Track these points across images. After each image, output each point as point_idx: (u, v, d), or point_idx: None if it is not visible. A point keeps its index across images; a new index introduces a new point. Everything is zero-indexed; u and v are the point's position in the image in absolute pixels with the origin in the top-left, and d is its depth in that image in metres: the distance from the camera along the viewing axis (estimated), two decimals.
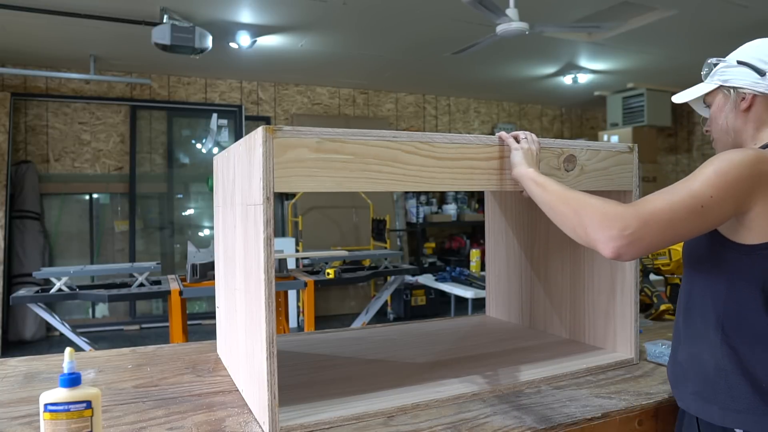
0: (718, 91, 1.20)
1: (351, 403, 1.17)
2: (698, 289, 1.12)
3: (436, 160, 1.16)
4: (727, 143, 1.19)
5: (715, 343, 1.06)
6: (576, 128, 8.76)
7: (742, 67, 1.15)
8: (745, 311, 1.03)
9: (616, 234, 0.95)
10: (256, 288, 1.06)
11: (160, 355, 1.61)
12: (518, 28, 3.52)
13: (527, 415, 1.13)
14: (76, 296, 3.31)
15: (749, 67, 1.13)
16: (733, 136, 1.17)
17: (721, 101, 1.19)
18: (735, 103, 1.16)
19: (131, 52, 5.31)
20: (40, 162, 5.80)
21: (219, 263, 1.59)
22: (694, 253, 1.13)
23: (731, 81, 1.16)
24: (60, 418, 0.89)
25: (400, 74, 6.42)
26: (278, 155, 1.01)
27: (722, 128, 1.19)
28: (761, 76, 1.12)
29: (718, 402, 1.04)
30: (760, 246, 1.00)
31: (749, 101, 1.14)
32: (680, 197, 0.97)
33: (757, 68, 1.12)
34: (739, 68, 1.15)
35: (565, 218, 1.06)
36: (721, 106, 1.19)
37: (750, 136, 1.15)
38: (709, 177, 0.98)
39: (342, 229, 6.67)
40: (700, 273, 1.12)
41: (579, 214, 1.02)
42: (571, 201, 1.06)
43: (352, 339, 1.77)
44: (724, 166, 0.99)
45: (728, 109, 1.17)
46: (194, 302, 6.27)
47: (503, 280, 2.02)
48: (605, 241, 0.97)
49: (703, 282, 1.11)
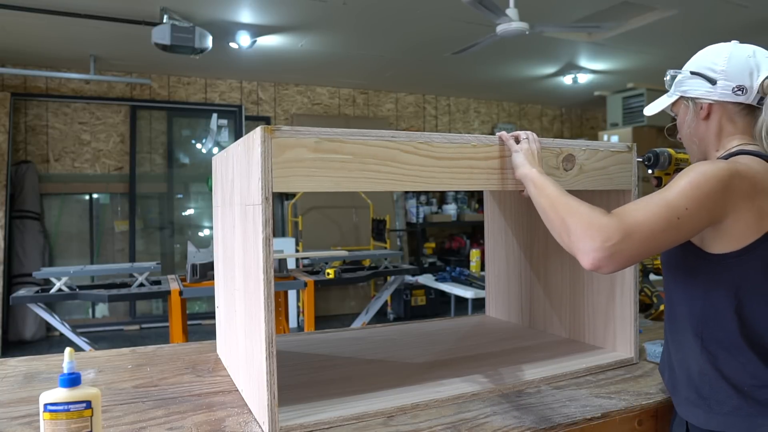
0: (680, 102, 1.23)
1: (351, 403, 1.17)
2: (677, 297, 1.14)
3: (435, 159, 1.16)
4: (694, 151, 1.23)
5: (695, 350, 1.08)
6: (576, 128, 8.76)
7: (696, 77, 1.17)
8: (720, 318, 1.05)
9: (598, 245, 0.95)
10: (255, 288, 1.07)
11: (160, 355, 1.61)
12: (518, 28, 3.52)
13: (527, 415, 1.13)
14: (76, 296, 3.31)
15: (701, 77, 1.16)
16: (698, 144, 1.20)
17: (683, 112, 1.22)
18: (695, 113, 1.18)
19: (131, 52, 5.31)
20: (40, 162, 5.80)
21: (218, 263, 1.59)
22: (671, 263, 1.15)
23: (688, 92, 1.19)
24: (60, 418, 0.89)
25: (400, 74, 6.42)
26: (277, 155, 1.01)
27: (687, 137, 1.22)
28: (713, 84, 1.14)
29: (703, 406, 1.06)
30: (731, 254, 1.02)
31: (707, 110, 1.16)
32: (658, 209, 0.97)
33: (708, 77, 1.15)
34: (693, 79, 1.18)
35: (552, 224, 1.06)
36: (684, 116, 1.22)
37: (713, 143, 1.18)
38: (684, 189, 0.99)
39: (342, 229, 6.67)
40: (677, 282, 1.14)
41: (565, 222, 1.02)
42: (559, 207, 1.06)
43: (352, 339, 1.77)
44: (699, 178, 0.99)
45: (689, 119, 1.20)
46: (194, 302, 6.27)
47: (503, 280, 2.01)
48: (587, 251, 0.96)
49: (681, 290, 1.13)
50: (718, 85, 1.14)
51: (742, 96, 1.12)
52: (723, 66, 1.13)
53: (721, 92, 1.14)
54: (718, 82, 1.14)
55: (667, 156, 1.53)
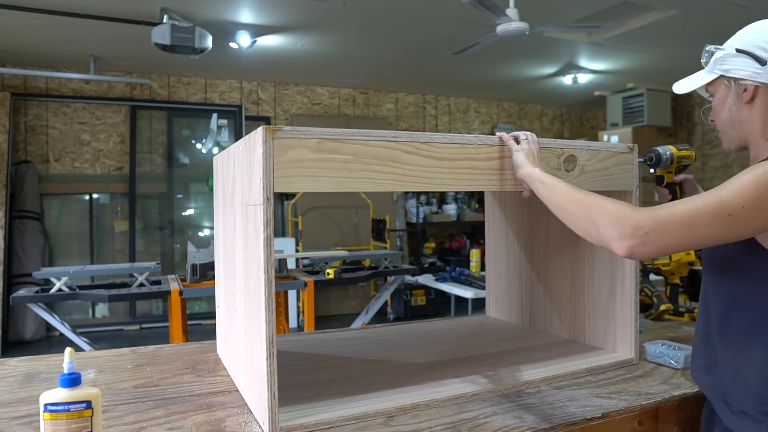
0: (720, 81, 1.12)
1: (351, 404, 1.17)
2: (736, 301, 1.06)
3: (437, 160, 1.16)
4: (732, 137, 1.13)
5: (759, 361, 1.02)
6: (576, 128, 8.76)
7: (742, 56, 1.06)
8: None
9: (629, 233, 0.94)
10: (256, 288, 1.06)
11: (160, 355, 1.61)
12: (518, 28, 3.52)
13: (527, 415, 1.13)
14: (76, 296, 3.31)
15: (749, 55, 1.05)
16: (739, 130, 1.11)
17: (723, 93, 1.12)
18: (737, 95, 1.09)
19: (131, 52, 5.31)
20: (40, 162, 5.80)
21: (219, 263, 1.59)
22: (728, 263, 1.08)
23: (731, 71, 1.08)
24: (60, 418, 0.89)
25: (400, 74, 6.42)
26: (278, 155, 1.01)
27: (726, 122, 1.12)
28: (762, 65, 1.04)
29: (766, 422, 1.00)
30: None
31: (752, 92, 1.06)
32: (706, 203, 0.94)
33: (757, 57, 1.04)
34: (738, 57, 1.07)
35: (576, 218, 1.05)
36: (723, 98, 1.12)
37: (758, 130, 1.08)
38: (744, 186, 0.93)
39: (342, 229, 6.67)
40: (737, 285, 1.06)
41: (590, 214, 1.02)
42: (582, 201, 1.05)
43: (352, 339, 1.77)
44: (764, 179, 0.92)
45: (731, 102, 1.10)
46: (194, 302, 6.27)
47: (503, 280, 2.01)
48: (618, 239, 0.96)
49: (741, 295, 1.05)
50: None
51: None
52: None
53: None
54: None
55: (669, 155, 1.49)
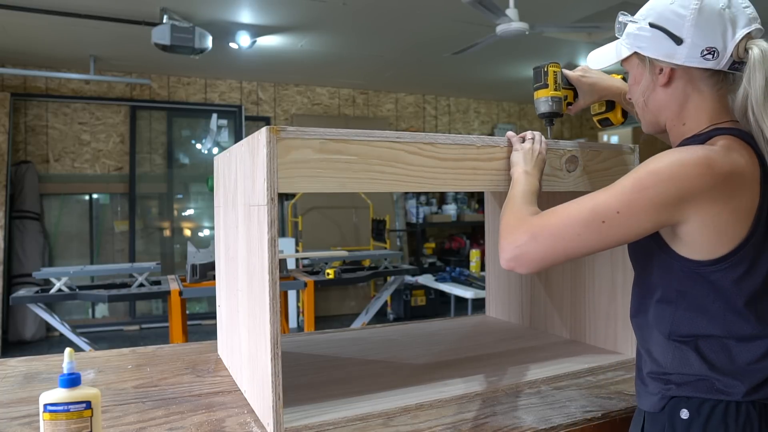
0: (633, 59, 0.99)
1: (354, 404, 1.17)
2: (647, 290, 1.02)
3: (439, 160, 1.16)
4: (649, 120, 1.02)
5: None
6: (576, 128, 8.76)
7: (656, 31, 0.92)
8: None
9: (508, 246, 0.92)
10: (259, 289, 1.06)
11: (160, 356, 1.61)
12: (518, 28, 3.52)
13: (527, 415, 1.13)
14: (75, 296, 3.31)
15: (663, 32, 0.91)
16: (655, 115, 1.00)
17: (637, 71, 0.99)
18: (653, 77, 0.96)
19: (131, 52, 5.31)
20: (40, 162, 5.80)
21: (220, 263, 1.59)
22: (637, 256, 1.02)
23: (645, 49, 0.95)
24: (60, 419, 0.89)
25: (400, 74, 6.42)
26: (282, 156, 1.01)
27: (640, 105, 1.01)
28: (677, 44, 0.90)
29: None
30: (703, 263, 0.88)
31: (668, 75, 0.94)
32: (581, 209, 0.88)
33: (672, 34, 0.90)
34: (652, 33, 0.93)
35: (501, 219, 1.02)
36: (638, 77, 1.00)
37: (674, 115, 0.97)
38: (624, 189, 0.86)
39: (342, 230, 6.67)
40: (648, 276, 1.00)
41: (501, 219, 1.00)
42: (507, 206, 1.04)
43: (353, 339, 1.77)
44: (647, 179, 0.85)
45: (645, 84, 0.98)
46: (194, 302, 6.27)
47: (503, 280, 2.01)
48: (501, 251, 0.93)
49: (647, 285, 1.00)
50: (685, 45, 0.90)
51: (711, 60, 0.90)
52: (691, 20, 0.89)
53: (687, 54, 0.90)
54: (685, 41, 0.89)
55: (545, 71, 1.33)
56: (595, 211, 0.87)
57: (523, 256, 0.91)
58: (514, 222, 0.95)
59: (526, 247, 0.90)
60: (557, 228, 0.89)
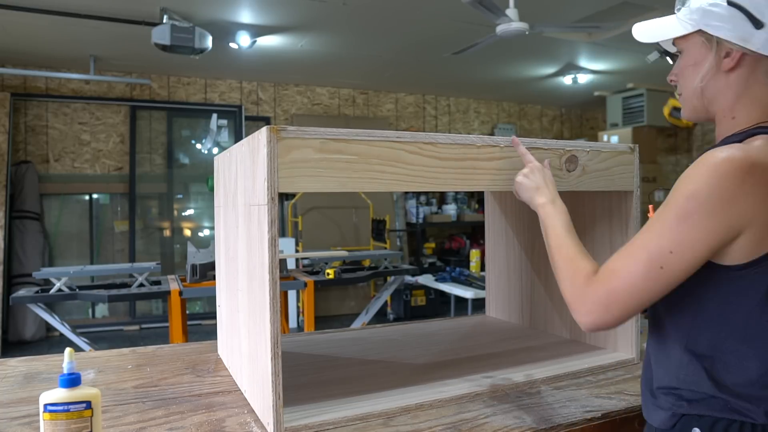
0: (696, 37, 0.90)
1: (354, 404, 1.17)
2: None
3: (440, 160, 1.16)
4: (695, 108, 0.95)
5: None
6: (576, 128, 8.76)
7: (734, 10, 0.84)
8: None
9: (583, 319, 0.91)
10: (260, 289, 1.06)
11: (160, 356, 1.61)
12: (518, 28, 3.52)
13: (527, 415, 1.13)
14: (75, 296, 3.31)
15: (742, 12, 0.83)
16: (706, 103, 0.93)
17: (698, 53, 0.91)
18: (717, 60, 0.88)
19: (131, 52, 5.30)
20: (40, 162, 5.79)
21: (220, 263, 1.59)
22: None
23: (716, 28, 0.86)
24: (60, 419, 0.89)
25: (400, 74, 6.42)
26: (282, 155, 1.01)
27: (694, 90, 0.93)
28: (757, 28, 0.83)
29: None
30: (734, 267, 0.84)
31: (736, 60, 0.86)
32: (637, 263, 0.85)
33: (752, 16, 0.82)
34: (729, 12, 0.84)
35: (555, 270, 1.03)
36: (698, 59, 0.91)
37: (728, 106, 0.90)
38: (669, 224, 0.82)
39: (342, 230, 6.67)
40: None
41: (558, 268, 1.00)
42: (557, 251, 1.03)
43: (353, 339, 1.77)
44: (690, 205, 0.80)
45: (708, 67, 0.89)
46: (194, 302, 6.27)
47: (503, 280, 2.01)
48: (577, 319, 0.93)
49: None
50: (765, 30, 0.82)
51: None
52: None
53: (766, 40, 0.83)
54: (766, 26, 0.82)
55: None
56: (650, 260, 0.84)
57: (603, 325, 0.90)
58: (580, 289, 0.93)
59: (604, 318, 0.89)
60: (625, 293, 0.86)
